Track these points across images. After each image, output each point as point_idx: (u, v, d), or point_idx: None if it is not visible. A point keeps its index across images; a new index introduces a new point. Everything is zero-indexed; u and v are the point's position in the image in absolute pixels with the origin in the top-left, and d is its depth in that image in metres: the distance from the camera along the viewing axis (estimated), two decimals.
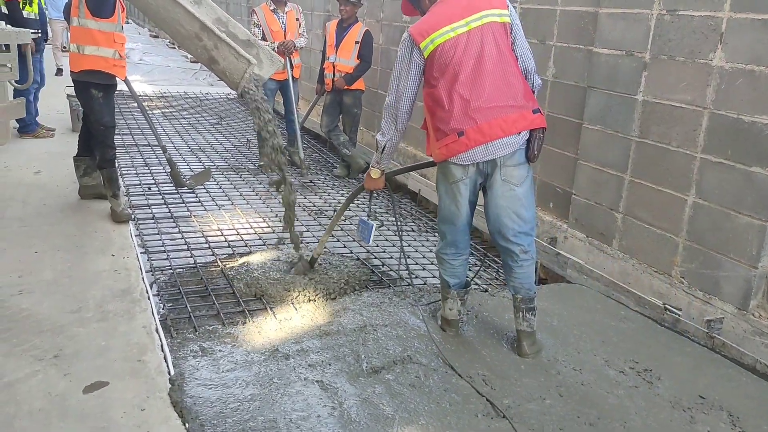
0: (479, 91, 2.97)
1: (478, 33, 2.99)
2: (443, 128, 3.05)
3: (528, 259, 3.17)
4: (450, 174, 3.12)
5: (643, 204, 3.92)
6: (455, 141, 3.01)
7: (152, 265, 4.19)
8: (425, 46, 3.02)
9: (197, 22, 3.45)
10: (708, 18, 3.47)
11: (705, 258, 3.56)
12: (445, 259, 3.36)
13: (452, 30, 3.00)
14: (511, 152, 3.01)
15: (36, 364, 2.86)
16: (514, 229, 3.10)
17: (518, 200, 3.07)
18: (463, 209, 3.17)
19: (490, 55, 2.98)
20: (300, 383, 2.92)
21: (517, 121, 2.99)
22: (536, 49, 4.82)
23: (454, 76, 2.99)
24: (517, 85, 3.02)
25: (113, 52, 4.59)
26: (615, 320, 3.71)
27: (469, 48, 2.98)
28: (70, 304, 3.40)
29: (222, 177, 6.33)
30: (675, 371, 3.20)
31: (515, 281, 3.20)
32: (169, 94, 10.81)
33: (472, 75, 2.98)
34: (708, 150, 3.52)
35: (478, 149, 3.00)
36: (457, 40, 2.99)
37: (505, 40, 3.03)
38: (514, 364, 3.19)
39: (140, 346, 3.07)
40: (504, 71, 3.00)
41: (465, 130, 2.98)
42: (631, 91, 3.94)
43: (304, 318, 3.53)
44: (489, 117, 2.97)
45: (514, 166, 3.04)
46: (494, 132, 2.97)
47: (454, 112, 3.00)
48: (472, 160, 3.03)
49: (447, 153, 3.06)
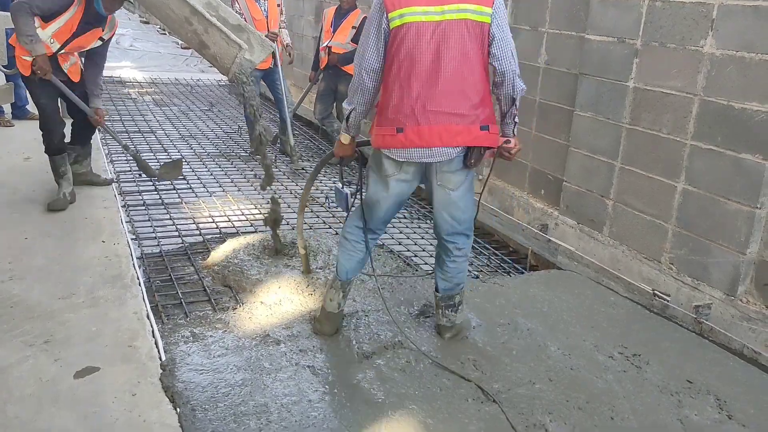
0: (430, 91, 2.76)
1: (450, 27, 2.74)
2: (386, 117, 2.85)
3: (461, 256, 3.13)
4: (382, 167, 2.93)
5: (634, 191, 3.94)
6: (392, 135, 2.82)
7: (143, 251, 4.18)
8: (393, 18, 2.77)
9: (187, 6, 3.42)
10: (699, 4, 3.47)
11: (694, 244, 3.59)
12: (349, 241, 3.17)
13: (424, 13, 2.75)
14: (448, 160, 2.85)
15: (26, 350, 2.85)
16: (448, 229, 3.04)
17: (453, 204, 2.97)
18: (388, 203, 3.02)
19: (454, 56, 2.75)
20: (291, 368, 2.93)
21: (460, 134, 2.79)
22: (528, 36, 4.83)
23: (410, 65, 2.77)
24: (472, 95, 2.79)
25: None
26: (604, 306, 3.73)
27: (435, 40, 2.74)
28: (60, 290, 3.39)
29: (213, 164, 6.31)
30: (663, 356, 3.23)
31: (445, 274, 3.16)
32: (160, 81, 10.73)
33: (429, 70, 2.75)
34: (698, 137, 3.53)
35: (414, 150, 2.82)
36: (425, 27, 2.74)
37: (476, 42, 2.77)
38: (506, 349, 3.21)
39: (131, 332, 3.06)
40: (463, 76, 2.77)
41: (405, 127, 2.79)
42: (623, 78, 3.95)
43: (295, 303, 3.53)
44: (432, 121, 2.77)
45: (451, 173, 2.89)
46: (432, 139, 2.77)
47: (400, 104, 2.79)
48: (406, 159, 2.86)
49: (382, 143, 2.88)
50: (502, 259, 4.61)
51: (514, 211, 4.96)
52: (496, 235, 4.98)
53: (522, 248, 4.71)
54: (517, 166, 5.06)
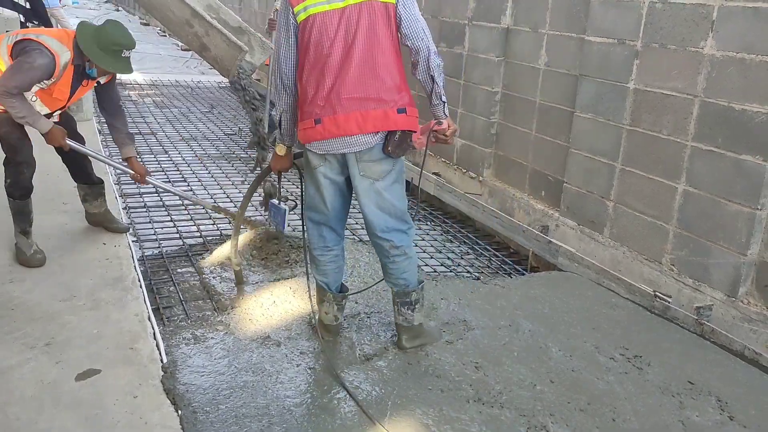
0: (343, 79, 2.72)
1: (355, 12, 2.71)
2: (303, 110, 2.84)
3: (400, 255, 2.98)
4: (309, 161, 2.91)
5: (634, 192, 3.94)
6: (312, 128, 2.79)
7: (144, 253, 4.18)
8: (298, 12, 2.76)
9: (188, 8, 3.44)
10: (699, 6, 3.47)
11: (695, 245, 3.59)
12: (315, 255, 3.10)
13: (327, 2, 2.72)
14: (368, 148, 2.79)
15: (28, 352, 2.85)
16: (381, 224, 2.91)
17: (379, 195, 2.86)
18: (327, 198, 2.94)
19: (362, 40, 2.72)
20: (293, 370, 2.93)
21: (377, 120, 2.74)
22: (528, 38, 4.84)
23: (320, 56, 2.74)
24: (386, 78, 2.75)
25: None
26: (606, 307, 3.73)
27: (342, 27, 2.71)
28: (61, 292, 3.39)
29: (214, 166, 6.31)
30: (664, 357, 3.22)
31: (390, 276, 3.05)
32: (161, 83, 10.75)
33: (340, 59, 2.72)
34: (698, 138, 3.53)
35: (332, 141, 2.78)
36: (330, 16, 2.72)
37: (384, 24, 2.73)
38: (507, 350, 3.21)
39: (132, 334, 3.06)
40: (374, 61, 2.73)
41: (322, 118, 2.75)
42: (623, 80, 3.95)
43: (294, 304, 3.53)
44: (348, 109, 2.73)
45: (373, 162, 2.82)
46: (349, 127, 2.74)
47: (315, 96, 2.77)
48: (326, 150, 2.82)
49: (303, 137, 2.85)
50: (503, 260, 4.61)
51: (515, 212, 4.96)
52: (496, 237, 4.98)
53: (523, 249, 4.71)
54: (517, 167, 5.06)
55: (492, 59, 5.16)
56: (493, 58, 5.15)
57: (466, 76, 5.50)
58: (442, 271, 4.40)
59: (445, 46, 5.69)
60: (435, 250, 4.78)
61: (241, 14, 11.93)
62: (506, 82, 5.13)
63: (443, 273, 4.34)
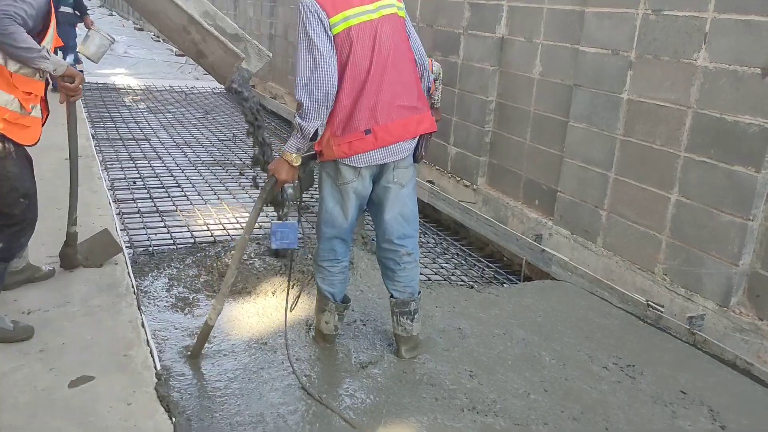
0: (385, 88, 2.75)
1: (385, 22, 2.77)
2: (347, 124, 2.76)
3: (411, 262, 3.03)
4: (340, 175, 2.84)
5: (627, 202, 3.97)
6: (361, 139, 2.75)
7: (138, 259, 4.17)
8: (336, 22, 2.67)
9: (185, 15, 3.44)
10: (692, 18, 3.51)
11: (687, 255, 3.61)
12: (323, 266, 3.08)
13: (364, 12, 2.72)
14: (406, 155, 2.89)
15: (21, 359, 2.84)
16: (399, 230, 2.97)
17: (403, 201, 2.95)
18: (350, 214, 2.93)
19: (393, 51, 2.78)
20: (288, 377, 2.93)
21: (420, 123, 2.87)
22: (523, 48, 4.87)
23: (360, 67, 2.72)
24: (414, 85, 2.88)
25: (11, 99, 2.80)
26: (599, 316, 3.75)
27: (377, 37, 2.74)
28: (55, 298, 3.37)
29: (208, 171, 6.31)
30: (657, 367, 3.24)
31: (398, 284, 3.05)
32: (155, 88, 10.73)
33: (379, 69, 2.74)
34: (691, 149, 3.57)
35: (378, 152, 2.78)
36: (366, 27, 2.72)
37: (405, 35, 2.87)
38: (501, 359, 3.22)
39: (126, 341, 3.05)
40: (404, 70, 2.83)
41: (372, 128, 2.75)
42: (617, 90, 3.98)
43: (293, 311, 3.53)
44: (395, 116, 2.79)
45: (405, 168, 2.91)
46: (402, 133, 2.80)
47: (358, 107, 2.73)
48: (369, 162, 2.80)
49: (348, 151, 2.76)
50: (496, 270, 4.62)
51: (509, 220, 4.98)
52: (490, 245, 5.00)
53: (516, 258, 4.73)
54: (511, 176, 5.09)
55: (487, 68, 5.19)
56: (487, 68, 5.18)
57: (461, 85, 5.53)
58: (437, 279, 4.41)
59: (441, 55, 5.72)
60: (429, 259, 4.79)
61: (236, 21, 11.95)
62: (501, 91, 5.16)
63: (437, 281, 4.35)
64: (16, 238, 2.99)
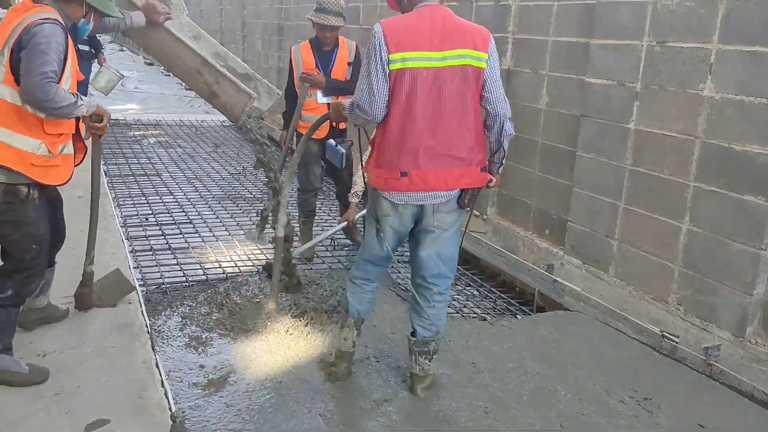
0: (433, 136, 2.79)
1: (450, 73, 2.78)
2: (387, 159, 2.86)
3: (441, 301, 3.08)
4: (379, 206, 2.94)
5: (638, 231, 3.97)
6: (396, 179, 2.84)
7: (150, 297, 4.19)
8: (394, 60, 2.75)
9: (198, 58, 3.52)
10: (697, 49, 3.54)
11: (701, 285, 3.60)
12: (356, 283, 3.18)
13: (427, 59, 2.75)
14: (446, 200, 2.91)
15: (37, 402, 2.85)
16: (434, 270, 2.99)
17: (443, 244, 2.97)
18: (385, 245, 3.00)
19: (453, 100, 2.79)
20: (303, 415, 2.92)
21: (462, 177, 2.87)
22: (529, 79, 4.92)
23: (410, 109, 2.77)
24: (469, 138, 2.86)
25: (37, 144, 2.79)
26: (613, 348, 3.73)
27: (437, 86, 2.77)
28: (70, 339, 3.39)
29: (219, 206, 6.36)
30: (674, 399, 3.21)
31: (424, 321, 3.06)
32: (165, 122, 10.85)
33: (431, 116, 2.78)
34: (700, 178, 3.57)
35: (416, 194, 2.86)
36: (427, 73, 2.75)
37: (472, 87, 2.83)
38: (516, 393, 3.20)
39: (141, 382, 3.06)
40: (460, 120, 2.82)
41: (409, 172, 2.81)
42: (624, 120, 4.01)
43: (306, 347, 3.53)
44: (436, 166, 2.82)
45: (447, 213, 2.93)
46: (438, 184, 2.84)
47: (400, 147, 2.81)
48: (406, 201, 2.89)
49: (384, 186, 2.89)
50: (508, 301, 4.61)
51: (519, 250, 4.98)
52: (501, 275, 4.99)
53: (528, 288, 4.71)
54: (521, 205, 5.10)
55: None
56: None
57: None
58: (450, 312, 4.40)
59: None
60: None
61: (244, 54, 12.13)
62: None
63: (450, 314, 4.34)
64: (26, 284, 2.97)
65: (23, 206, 2.85)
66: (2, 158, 2.74)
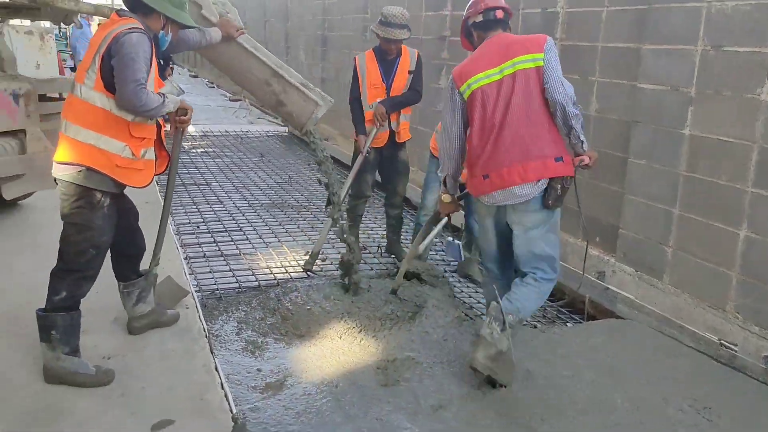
0: (504, 138, 3.18)
1: (510, 80, 3.18)
2: (474, 167, 3.33)
3: (532, 284, 3.29)
4: (478, 210, 3.54)
5: (694, 238, 3.91)
6: (481, 182, 3.29)
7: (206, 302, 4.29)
8: (463, 90, 3.30)
9: (268, 69, 3.66)
10: (753, 53, 3.49)
11: (760, 293, 3.52)
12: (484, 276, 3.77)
13: (486, 77, 3.22)
14: (526, 201, 3.20)
15: (104, 403, 2.95)
16: (529, 262, 3.32)
17: (532, 241, 3.28)
18: (490, 243, 3.50)
19: (519, 103, 3.16)
20: (360, 419, 2.96)
21: (537, 169, 3.14)
22: (577, 85, 4.86)
23: (484, 122, 3.23)
24: (542, 133, 3.17)
25: (122, 147, 2.94)
26: (670, 357, 3.68)
27: (501, 95, 3.19)
28: (132, 343, 3.50)
29: (267, 214, 6.47)
30: (735, 408, 3.15)
31: (510, 295, 3.28)
32: (211, 133, 11.09)
33: (500, 122, 3.18)
34: (759, 184, 3.51)
35: (497, 193, 3.24)
36: (490, 88, 3.22)
37: (536, 86, 3.17)
38: (571, 401, 3.18)
39: (202, 385, 3.14)
40: (530, 118, 3.17)
41: (490, 173, 3.23)
42: (678, 126, 3.96)
43: (359, 354, 3.57)
44: (510, 163, 3.17)
45: (528, 212, 3.23)
46: (512, 178, 3.17)
47: (482, 155, 3.25)
48: (492, 202, 3.30)
49: (477, 192, 3.37)
50: (558, 309, 4.58)
51: (569, 258, 4.94)
52: None
53: (579, 296, 4.67)
54: (570, 213, 5.05)
55: None
56: None
57: None
58: None
59: None
60: None
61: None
62: None
63: None
64: (78, 287, 3.05)
65: (93, 212, 2.98)
66: (90, 160, 2.90)
